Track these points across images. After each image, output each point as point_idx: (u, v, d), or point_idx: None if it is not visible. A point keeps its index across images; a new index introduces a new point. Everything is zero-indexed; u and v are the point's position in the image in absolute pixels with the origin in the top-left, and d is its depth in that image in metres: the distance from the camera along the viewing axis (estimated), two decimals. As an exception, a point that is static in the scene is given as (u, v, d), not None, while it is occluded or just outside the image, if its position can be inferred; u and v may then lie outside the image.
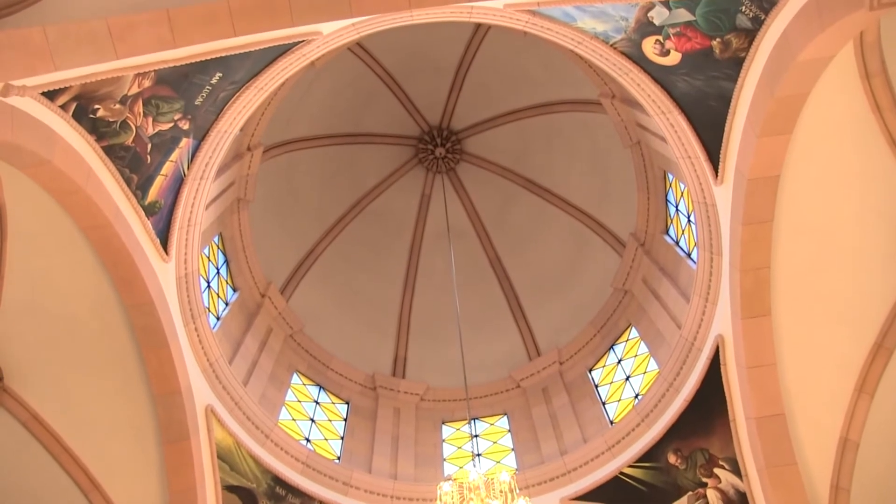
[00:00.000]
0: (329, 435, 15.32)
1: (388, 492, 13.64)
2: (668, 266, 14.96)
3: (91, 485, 11.06)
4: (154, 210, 10.60)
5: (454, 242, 16.57)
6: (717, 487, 11.87)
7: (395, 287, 18.49)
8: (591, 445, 13.78)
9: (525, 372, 17.20)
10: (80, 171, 8.93)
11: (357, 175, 18.41)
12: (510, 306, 18.31)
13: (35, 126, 8.07)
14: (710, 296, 11.89)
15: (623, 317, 16.39)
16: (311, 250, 17.81)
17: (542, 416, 15.86)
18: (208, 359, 12.20)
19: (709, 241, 11.56)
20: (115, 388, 10.87)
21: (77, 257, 9.89)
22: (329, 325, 17.36)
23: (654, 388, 13.27)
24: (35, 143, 8.12)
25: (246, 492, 12.27)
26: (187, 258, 11.72)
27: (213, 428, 11.90)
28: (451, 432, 16.38)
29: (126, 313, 10.47)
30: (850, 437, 10.70)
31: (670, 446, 12.52)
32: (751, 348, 10.84)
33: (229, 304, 15.02)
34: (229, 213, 15.20)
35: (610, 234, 17.18)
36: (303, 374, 16.27)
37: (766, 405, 10.92)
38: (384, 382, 17.05)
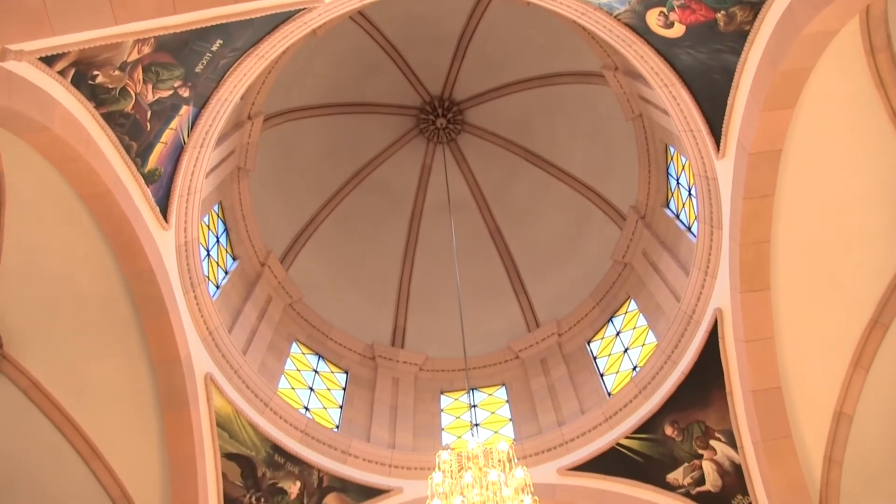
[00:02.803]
0: (328, 404, 15.41)
1: (386, 461, 13.74)
2: (668, 239, 14.96)
3: (91, 452, 11.12)
4: (154, 178, 10.56)
5: (454, 214, 16.54)
6: (713, 459, 11.97)
7: (395, 257, 18.49)
8: (589, 417, 13.86)
9: (524, 343, 17.26)
10: (79, 138, 8.88)
11: (357, 145, 18.33)
12: (510, 278, 18.33)
13: (33, 92, 8.01)
14: (709, 269, 11.90)
15: (622, 289, 16.42)
16: (311, 220, 17.80)
17: (541, 388, 15.93)
18: (208, 327, 12.23)
19: (709, 214, 11.54)
20: (114, 355, 10.90)
21: (76, 225, 9.87)
22: (328, 294, 17.39)
23: (652, 360, 13.33)
24: (33, 109, 8.06)
25: (245, 459, 12.36)
26: (187, 226, 11.70)
27: (212, 396, 11.96)
28: (449, 402, 16.47)
29: (125, 281, 10.47)
30: (845, 411, 10.79)
31: (667, 418, 12.60)
32: (749, 322, 10.87)
33: (229, 272, 15.03)
34: (229, 181, 15.17)
35: (610, 206, 17.15)
36: (302, 343, 16.33)
37: (762, 379, 10.99)
38: (383, 352, 17.12)
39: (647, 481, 12.46)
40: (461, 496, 8.74)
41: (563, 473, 13.15)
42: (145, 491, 11.38)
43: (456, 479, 9.09)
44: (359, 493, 13.10)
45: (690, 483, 12.11)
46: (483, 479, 8.98)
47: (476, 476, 9.01)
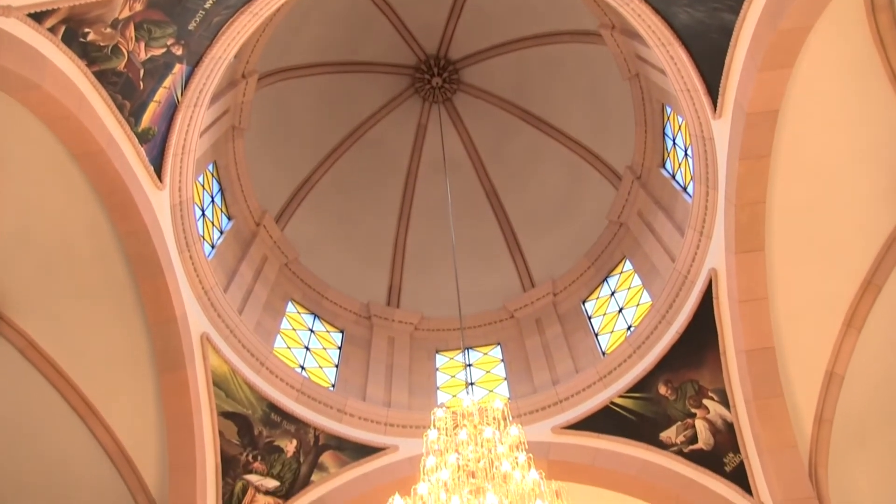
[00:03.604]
0: (324, 363, 15.49)
1: (381, 419, 13.83)
2: (663, 199, 14.94)
3: (88, 410, 11.20)
4: (147, 137, 10.49)
5: (450, 173, 16.45)
6: (706, 418, 12.07)
7: (391, 217, 18.45)
8: (583, 376, 13.94)
9: (519, 303, 17.30)
10: (71, 97, 8.80)
11: (353, 104, 18.17)
12: (505, 238, 18.32)
13: (22, 49, 7.91)
14: (704, 229, 11.91)
15: (618, 249, 16.43)
16: (306, 180, 17.71)
17: (535, 347, 16.01)
18: (203, 287, 12.24)
19: (705, 174, 11.51)
20: (110, 315, 10.92)
21: (70, 185, 9.82)
22: (324, 254, 17.38)
23: (646, 320, 13.38)
24: (23, 67, 7.97)
25: (242, 418, 12.45)
26: (181, 186, 11.65)
27: (208, 355, 12.01)
28: (444, 361, 16.56)
29: (120, 241, 10.45)
30: (836, 371, 10.89)
31: (661, 377, 12.67)
32: (743, 282, 10.91)
33: (224, 232, 15.01)
34: (224, 141, 15.07)
35: (606, 166, 17.09)
36: (298, 302, 16.36)
37: (756, 339, 11.05)
38: (379, 312, 17.16)
39: (641, 440, 12.55)
40: (456, 453, 8.81)
41: (558, 432, 13.24)
42: (143, 449, 11.48)
43: (451, 436, 9.15)
44: (355, 451, 13.20)
45: (683, 441, 12.21)
46: (478, 436, 9.05)
47: (471, 433, 9.07)
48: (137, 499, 11.44)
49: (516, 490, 8.29)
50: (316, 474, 12.75)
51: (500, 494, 8.11)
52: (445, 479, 8.44)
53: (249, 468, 12.26)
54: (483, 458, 8.72)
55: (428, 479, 8.55)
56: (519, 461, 8.63)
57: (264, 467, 12.40)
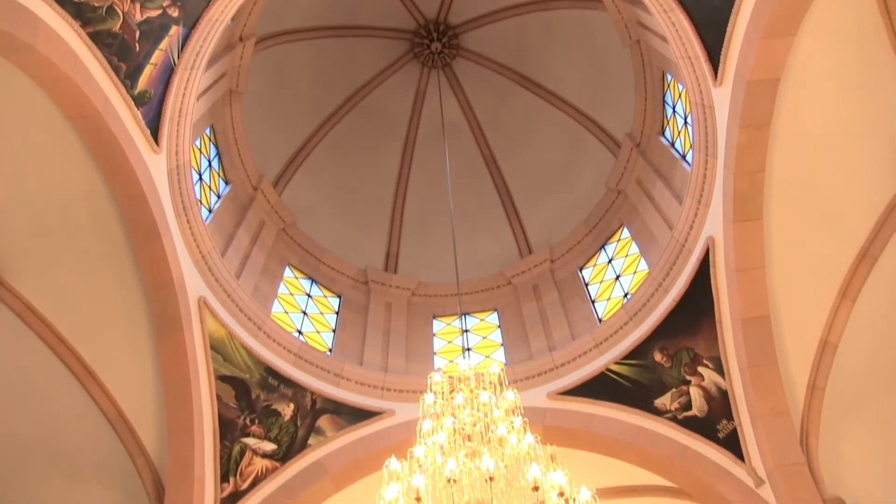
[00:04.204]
0: (321, 328, 15.54)
1: (378, 383, 13.91)
2: (662, 167, 14.91)
3: (87, 374, 11.24)
4: (144, 100, 10.42)
5: (449, 139, 16.38)
6: (700, 385, 12.14)
7: (389, 183, 18.39)
8: (580, 342, 14.00)
9: (516, 269, 17.33)
10: (65, 59, 8.71)
11: (351, 69, 18.01)
12: (503, 204, 18.29)
13: (13, 8, 7.81)
14: (703, 198, 11.90)
15: (615, 217, 16.42)
16: (304, 144, 17.62)
17: (532, 313, 16.06)
18: (200, 251, 12.23)
19: (705, 143, 11.47)
20: (108, 279, 10.92)
21: (66, 148, 9.76)
22: (322, 219, 17.37)
23: (643, 287, 13.42)
24: (15, 27, 7.88)
25: (239, 382, 12.51)
26: (178, 150, 11.60)
27: (205, 319, 12.03)
28: (441, 327, 16.62)
29: (117, 205, 10.42)
30: (830, 340, 10.95)
31: (657, 345, 12.74)
32: (741, 251, 10.92)
33: (221, 197, 14.97)
34: (221, 104, 14.97)
35: (606, 134, 17.01)
36: (295, 267, 16.38)
37: (751, 307, 11.09)
38: (376, 277, 17.19)
39: (635, 406, 12.64)
40: (452, 417, 8.87)
41: (553, 397, 13.33)
42: (141, 412, 11.54)
43: (447, 400, 9.21)
44: (352, 416, 13.29)
45: (677, 408, 12.30)
46: (474, 400, 9.10)
47: (467, 398, 9.13)
48: (136, 461, 11.53)
49: (511, 454, 8.36)
50: (313, 438, 12.85)
51: (496, 458, 8.17)
52: (441, 442, 8.50)
53: (247, 431, 12.35)
54: (479, 422, 8.78)
55: (424, 443, 8.61)
56: (514, 425, 8.70)
57: (262, 431, 12.49)
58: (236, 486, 11.96)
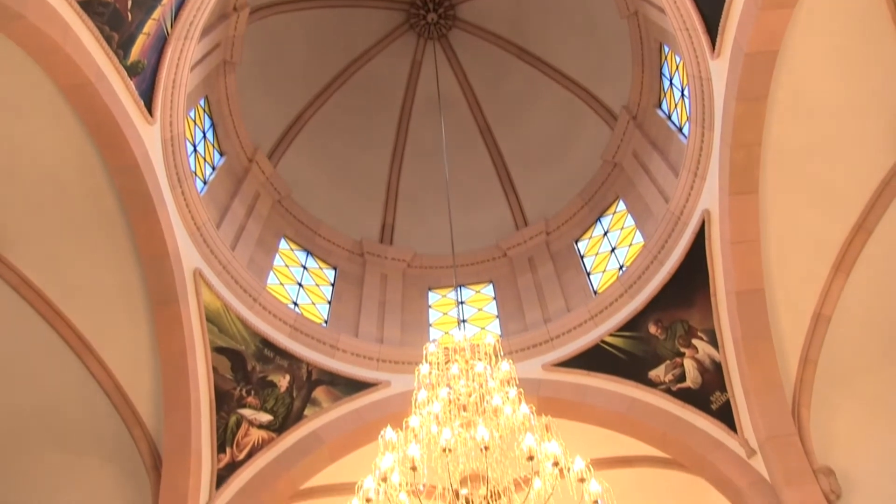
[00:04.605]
0: (317, 299, 15.56)
1: (374, 355, 13.97)
2: (659, 140, 14.87)
3: (83, 346, 11.26)
4: (137, 70, 10.33)
5: (444, 111, 16.29)
6: (694, 357, 12.21)
7: (384, 154, 18.31)
8: (575, 314, 14.05)
9: (512, 241, 17.33)
10: (56, 28, 8.62)
11: (346, 40, 17.83)
12: (499, 176, 18.25)
13: (2, -24, 7.73)
14: (699, 171, 11.88)
15: (611, 189, 16.40)
16: (299, 116, 17.51)
17: (528, 285, 16.09)
18: (195, 223, 12.20)
19: (701, 115, 11.44)
20: (103, 251, 10.90)
21: (59, 120, 9.68)
22: (317, 191, 17.32)
23: (638, 260, 13.44)
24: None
25: (235, 353, 12.54)
26: (172, 121, 11.52)
27: (201, 291, 12.03)
28: (437, 299, 16.65)
29: (111, 177, 10.36)
30: (824, 313, 11.01)
31: (651, 317, 12.79)
32: (736, 224, 10.93)
33: (216, 168, 14.91)
34: (215, 75, 14.86)
35: (602, 106, 16.92)
36: (290, 239, 16.36)
37: (746, 280, 11.12)
38: (372, 249, 17.19)
39: (630, 377, 12.72)
40: (448, 387, 8.91)
41: (548, 369, 13.40)
42: (138, 384, 11.59)
43: (443, 370, 9.25)
44: (347, 387, 13.36)
45: (671, 380, 12.37)
46: (469, 371, 9.14)
47: (462, 368, 9.17)
48: (133, 432, 11.60)
49: (506, 424, 8.42)
50: (309, 409, 12.92)
51: (491, 428, 8.22)
52: (437, 412, 8.55)
53: (243, 402, 12.40)
54: (474, 393, 8.83)
55: (419, 413, 8.66)
56: (509, 396, 8.75)
57: (258, 402, 12.55)
58: (233, 457, 12.04)
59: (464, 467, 8.16)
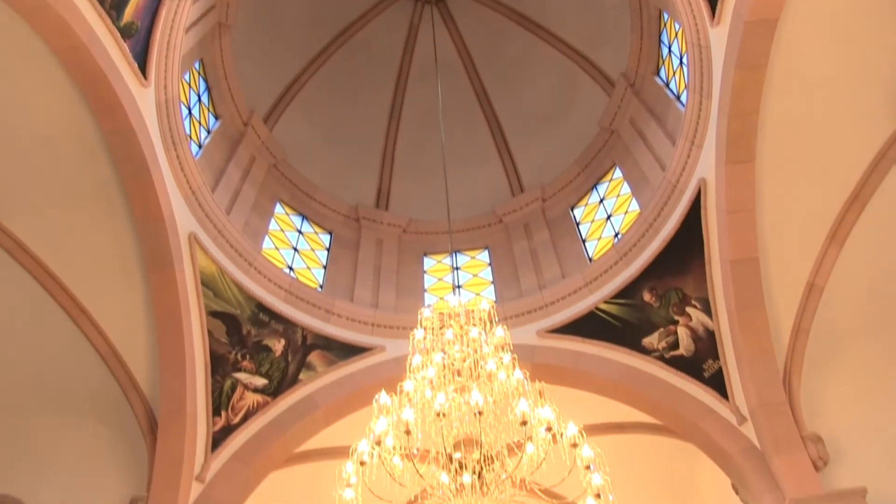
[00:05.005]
0: (312, 264, 15.57)
1: (369, 319, 14.01)
2: (656, 107, 14.79)
3: (78, 310, 11.26)
4: (130, 32, 10.20)
5: (441, 76, 16.16)
6: (688, 325, 12.26)
7: (380, 120, 18.20)
8: (570, 281, 14.08)
9: (508, 208, 17.31)
10: (47, -13, 8.50)
11: (343, 2, 17.62)
12: (496, 142, 18.17)
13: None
14: (696, 139, 11.84)
15: (608, 157, 16.36)
16: (295, 80, 17.35)
17: (523, 252, 16.11)
18: (190, 186, 12.15)
19: (700, 83, 11.37)
20: (97, 215, 10.84)
21: (51, 82, 9.56)
22: (313, 155, 17.24)
23: (634, 227, 13.44)
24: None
25: (230, 318, 12.57)
26: (167, 83, 11.42)
27: (196, 255, 12.00)
28: (432, 264, 16.67)
29: (105, 140, 10.28)
30: (817, 283, 11.05)
31: (646, 285, 12.81)
32: (732, 193, 10.92)
33: (211, 132, 14.82)
34: (210, 38, 14.70)
35: (600, 73, 16.80)
36: (286, 203, 16.32)
37: (741, 249, 11.13)
38: (367, 214, 17.16)
39: (623, 345, 12.78)
40: (442, 352, 8.94)
41: (542, 335, 13.46)
42: (133, 347, 11.61)
43: (437, 335, 9.28)
44: (342, 351, 13.41)
45: (665, 347, 12.43)
46: (464, 336, 9.17)
47: (457, 333, 9.20)
48: (129, 396, 11.65)
49: (500, 389, 8.46)
50: (304, 373, 12.99)
51: (485, 393, 8.27)
52: (431, 377, 8.59)
53: (238, 367, 12.45)
54: (468, 358, 8.87)
55: (414, 377, 8.70)
56: (503, 362, 8.78)
57: (253, 366, 12.60)
58: (228, 421, 12.11)
59: (457, 432, 8.21)
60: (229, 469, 11.84)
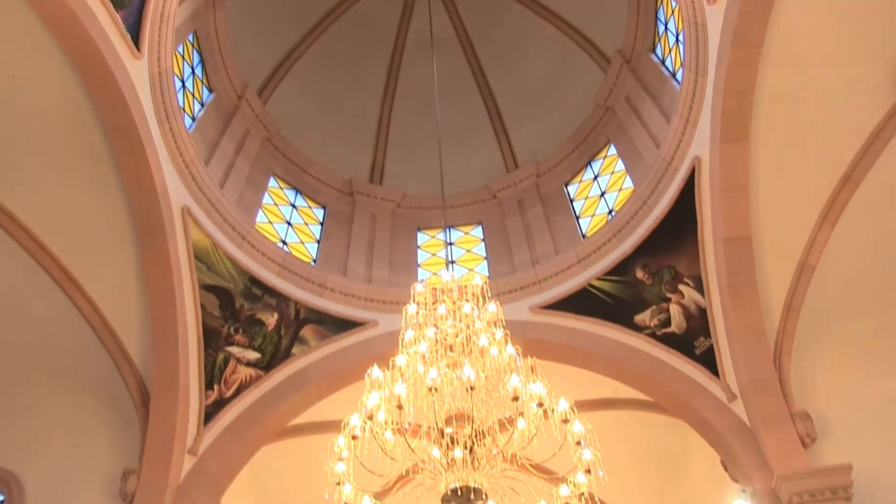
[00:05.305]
0: (305, 238, 15.56)
1: (362, 294, 14.02)
2: (651, 85, 14.75)
3: (70, 283, 11.23)
4: (123, 3, 10.08)
5: (437, 51, 16.03)
6: (680, 303, 12.30)
7: (375, 94, 18.11)
8: (563, 258, 14.10)
9: (502, 183, 17.29)
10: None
11: (338, -26, 17.52)
12: (490, 118, 18.11)
13: None
14: (691, 117, 11.82)
15: (602, 134, 16.33)
16: (290, 53, 17.23)
17: (517, 228, 16.11)
18: (184, 160, 12.09)
19: (695, 61, 11.33)
20: (90, 188, 10.77)
21: (43, 53, 9.43)
22: (307, 129, 17.16)
23: (627, 205, 13.44)
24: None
25: (223, 291, 12.55)
26: (160, 55, 11.33)
27: (189, 228, 11.95)
28: (425, 239, 16.67)
29: (97, 112, 10.20)
30: (809, 262, 11.10)
31: (639, 262, 12.83)
32: (726, 171, 10.93)
33: (205, 105, 14.73)
34: (204, 10, 14.56)
35: (596, 49, 16.72)
36: (280, 177, 16.27)
37: (734, 227, 11.15)
38: (361, 188, 17.13)
39: (616, 321, 12.82)
40: (434, 327, 8.95)
41: (535, 311, 13.49)
42: (125, 321, 11.61)
43: (430, 310, 9.28)
44: (335, 325, 13.43)
45: (657, 324, 12.48)
46: (456, 311, 9.19)
47: (450, 309, 9.20)
48: (121, 368, 11.67)
49: (492, 365, 8.48)
50: (296, 347, 13.01)
51: (477, 368, 8.29)
52: (423, 352, 8.61)
53: (231, 340, 12.46)
54: (461, 333, 8.88)
55: (406, 352, 8.72)
56: (496, 337, 8.81)
57: (246, 340, 12.61)
58: (221, 394, 12.15)
59: (449, 406, 8.23)
60: (222, 442, 11.89)
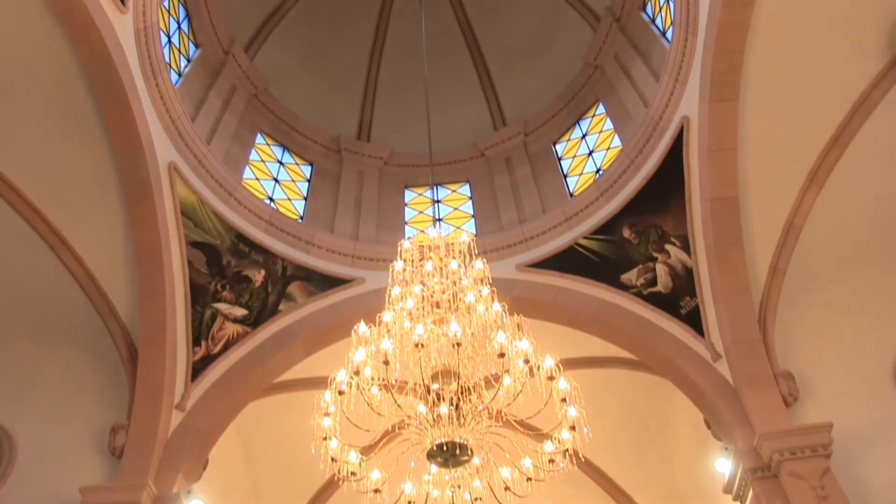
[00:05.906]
0: (292, 195, 15.50)
1: (349, 251, 14.02)
2: (641, 44, 14.65)
3: (56, 239, 11.19)
4: (107, -45, 9.92)
5: (425, 7, 15.87)
6: (666, 262, 12.34)
7: (363, 50, 17.91)
8: (550, 216, 14.10)
9: (490, 141, 17.23)
10: None
11: (326, -72, 17.22)
12: (479, 76, 17.98)
13: None
14: (680, 76, 11.78)
15: (591, 92, 16.25)
16: (277, 8, 16.94)
17: (504, 186, 16.09)
18: (170, 115, 11.97)
19: (686, 20, 11.26)
20: (75, 144, 10.65)
21: (25, 5, 9.28)
22: (294, 86, 17.00)
23: (615, 164, 13.43)
24: None
25: (210, 248, 12.53)
26: (146, 10, 11.15)
27: (175, 185, 11.88)
28: (413, 197, 16.64)
29: (82, 67, 10.05)
30: (795, 223, 11.15)
31: (626, 221, 12.85)
32: (714, 132, 10.91)
33: (191, 60, 14.55)
34: (189, -39, 14.34)
35: (586, 6, 16.54)
36: (267, 134, 16.16)
37: (721, 188, 11.17)
38: (349, 145, 17.04)
39: (602, 280, 12.86)
40: (421, 284, 8.97)
41: (522, 269, 13.53)
42: (112, 276, 11.59)
43: (417, 267, 9.29)
44: (322, 283, 13.45)
45: (643, 284, 12.54)
46: (443, 268, 9.19)
47: (437, 266, 9.21)
48: (108, 324, 11.67)
49: (479, 322, 8.51)
50: (283, 304, 13.04)
51: (463, 324, 8.32)
52: (410, 308, 8.63)
53: (218, 297, 12.47)
54: (447, 290, 8.90)
55: (393, 308, 8.74)
56: (482, 294, 8.83)
57: (233, 296, 12.62)
58: (208, 350, 12.19)
59: (435, 363, 8.26)
60: (209, 398, 11.95)
